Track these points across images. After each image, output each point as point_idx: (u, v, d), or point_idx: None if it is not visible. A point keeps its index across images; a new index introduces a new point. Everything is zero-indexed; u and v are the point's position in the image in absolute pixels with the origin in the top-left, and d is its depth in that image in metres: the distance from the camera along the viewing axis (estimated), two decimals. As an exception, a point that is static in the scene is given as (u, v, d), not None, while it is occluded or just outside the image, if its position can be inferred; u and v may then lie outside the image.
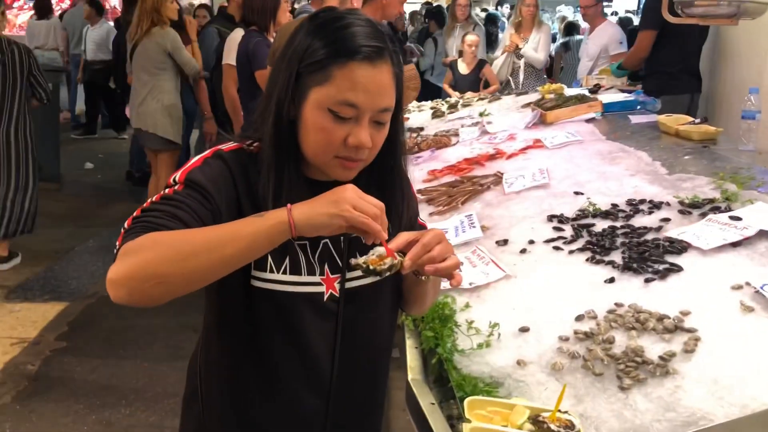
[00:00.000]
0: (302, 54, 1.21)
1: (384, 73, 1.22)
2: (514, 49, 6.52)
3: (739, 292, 1.64)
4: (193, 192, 1.20)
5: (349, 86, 1.18)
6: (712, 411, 1.30)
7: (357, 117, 1.21)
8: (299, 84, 1.22)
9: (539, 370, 1.53)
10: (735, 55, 4.36)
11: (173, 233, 1.11)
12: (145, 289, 1.08)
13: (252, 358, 1.34)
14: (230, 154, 1.28)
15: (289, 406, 1.36)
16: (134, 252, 1.08)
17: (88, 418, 3.33)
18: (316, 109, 1.21)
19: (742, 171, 2.51)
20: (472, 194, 2.78)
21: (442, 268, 1.20)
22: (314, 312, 1.32)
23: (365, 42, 1.19)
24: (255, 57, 3.92)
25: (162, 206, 1.17)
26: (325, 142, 1.22)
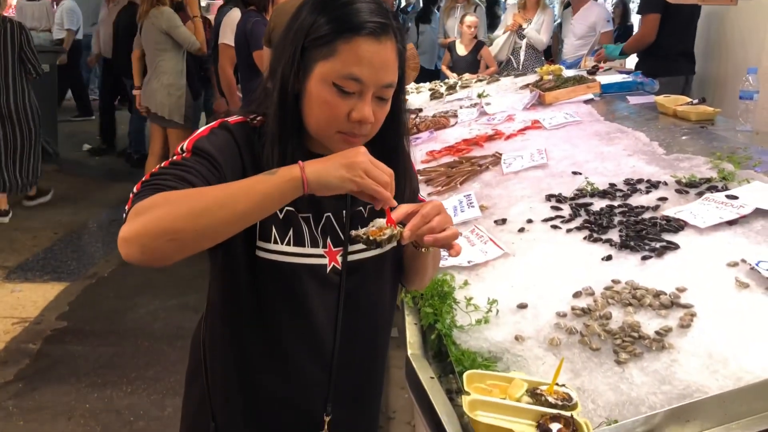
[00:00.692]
0: (308, 29, 1.22)
1: (388, 49, 1.23)
2: (517, 29, 6.51)
3: (735, 269, 1.67)
4: (201, 159, 1.21)
5: (354, 60, 1.20)
6: (707, 384, 1.32)
7: (360, 92, 1.22)
8: (304, 58, 1.23)
9: (537, 345, 1.55)
10: (733, 36, 4.36)
11: (185, 191, 1.11)
12: (157, 246, 1.06)
13: (256, 330, 1.37)
14: (235, 126, 1.29)
15: (293, 376, 1.38)
16: (146, 210, 1.07)
17: (89, 397, 3.37)
18: (321, 83, 1.22)
19: (740, 151, 2.53)
20: (470, 174, 2.80)
21: (441, 238, 1.21)
22: (317, 283, 1.34)
23: (370, 18, 1.20)
24: (253, 37, 3.92)
25: (171, 170, 1.18)
26: (329, 115, 1.23)
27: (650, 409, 1.28)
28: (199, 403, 1.46)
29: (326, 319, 1.37)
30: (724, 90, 4.36)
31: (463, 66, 6.63)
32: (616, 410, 1.31)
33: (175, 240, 1.07)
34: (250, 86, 4.08)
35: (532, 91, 4.09)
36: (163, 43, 5.24)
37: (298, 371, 1.38)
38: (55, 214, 5.92)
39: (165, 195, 1.10)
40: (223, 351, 1.42)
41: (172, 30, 5.18)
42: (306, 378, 1.39)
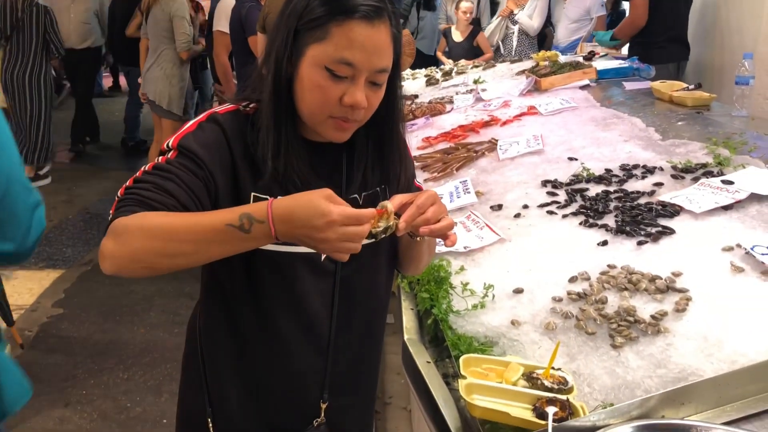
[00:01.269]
0: (301, 11, 1.21)
1: (382, 33, 1.21)
2: (509, 15, 6.48)
3: (730, 254, 1.67)
4: (185, 160, 1.20)
5: (346, 44, 1.18)
6: (702, 367, 1.33)
7: (353, 76, 1.21)
8: (297, 41, 1.22)
9: (533, 329, 1.56)
10: (729, 22, 4.35)
11: (160, 222, 1.12)
12: (132, 269, 1.14)
13: (251, 318, 1.36)
14: (225, 116, 1.28)
15: (289, 364, 1.38)
16: (124, 232, 1.12)
17: (86, 383, 3.37)
18: (313, 67, 1.21)
19: (735, 136, 2.53)
20: (466, 161, 2.80)
21: (436, 229, 1.22)
22: (312, 272, 1.33)
23: (364, 0, 1.18)
24: (248, 22, 3.90)
25: (153, 177, 1.18)
26: (321, 100, 1.22)
27: (645, 392, 1.29)
28: (196, 389, 1.46)
29: (321, 307, 1.36)
30: (720, 75, 4.35)
31: (460, 52, 6.61)
32: (612, 394, 1.32)
33: (148, 268, 1.14)
34: (246, 72, 4.06)
35: (528, 77, 4.08)
36: (169, 30, 5.20)
37: (294, 358, 1.38)
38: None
39: (141, 222, 1.12)
40: (219, 338, 1.41)
41: (174, 18, 5.15)
42: (302, 365, 1.39)
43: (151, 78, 5.36)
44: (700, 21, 4.62)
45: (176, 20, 5.14)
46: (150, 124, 6.22)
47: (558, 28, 6.28)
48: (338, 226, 1.07)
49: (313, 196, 1.08)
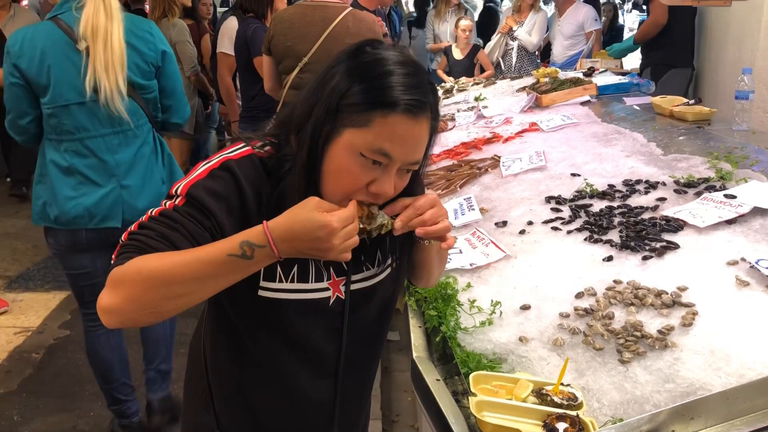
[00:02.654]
0: (344, 92, 1.16)
1: (423, 127, 1.17)
2: (508, 31, 6.54)
3: (735, 268, 1.69)
4: (192, 209, 1.17)
5: (387, 136, 1.14)
6: (710, 381, 1.34)
7: (386, 166, 1.17)
8: (334, 118, 1.17)
9: (541, 345, 1.57)
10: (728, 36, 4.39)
11: (159, 265, 1.09)
12: (137, 319, 1.13)
13: (255, 357, 1.36)
14: (240, 161, 1.23)
15: (297, 400, 1.40)
16: (121, 284, 1.10)
17: (94, 405, 3.37)
18: (347, 150, 1.16)
19: (736, 150, 2.55)
20: (470, 177, 2.82)
21: (432, 230, 1.22)
22: (320, 316, 1.33)
23: (410, 95, 1.14)
24: (254, 43, 3.94)
25: (158, 225, 1.16)
26: (348, 184, 1.18)
27: (655, 407, 1.30)
28: (202, 408, 1.46)
29: (328, 348, 1.37)
30: (720, 90, 4.39)
31: (460, 70, 6.65)
32: (621, 409, 1.33)
33: (153, 313, 1.13)
34: (250, 92, 4.10)
35: (528, 94, 4.11)
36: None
37: (301, 394, 1.39)
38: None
39: (138, 268, 1.10)
40: (224, 370, 1.42)
41: (178, 44, 5.22)
42: (309, 401, 1.40)
43: None
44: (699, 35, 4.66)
45: (179, 46, 5.21)
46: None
47: (554, 46, 6.33)
48: (340, 231, 1.10)
49: (307, 210, 1.10)
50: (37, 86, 2.51)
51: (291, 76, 3.39)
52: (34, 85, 2.50)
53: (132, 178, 2.65)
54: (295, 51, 3.35)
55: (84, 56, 2.47)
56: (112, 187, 2.61)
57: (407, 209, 1.21)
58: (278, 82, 3.54)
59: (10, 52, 2.50)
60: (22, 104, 2.55)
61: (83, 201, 2.59)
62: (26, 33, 2.53)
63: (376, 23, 3.48)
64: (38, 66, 2.48)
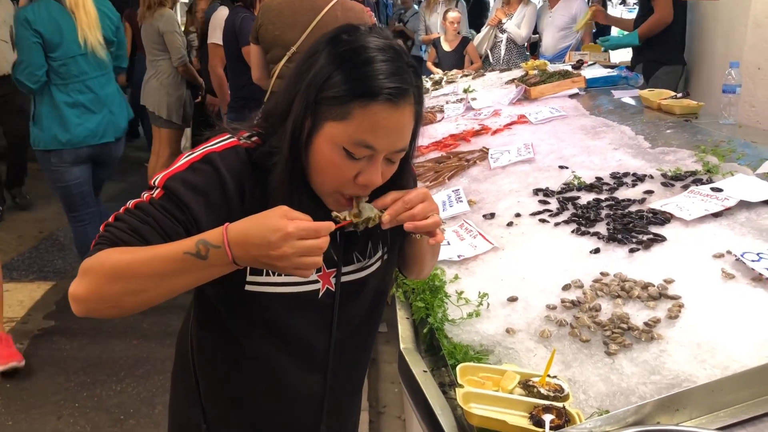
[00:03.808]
0: (321, 83, 1.13)
1: (405, 114, 1.14)
2: (497, 23, 6.53)
3: (721, 260, 1.69)
4: (167, 203, 1.15)
5: (368, 128, 1.11)
6: (695, 373, 1.35)
7: (371, 156, 1.15)
8: (315, 112, 1.14)
9: (528, 337, 1.57)
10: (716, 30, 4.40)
11: (119, 260, 1.08)
12: (101, 310, 1.13)
13: (243, 350, 1.35)
14: (223, 154, 1.20)
15: (285, 393, 1.39)
16: (87, 274, 1.10)
17: (79, 396, 3.35)
18: (330, 144, 1.14)
19: (723, 144, 2.56)
20: (458, 169, 2.82)
21: (421, 225, 1.20)
22: (310, 309, 1.32)
23: (389, 82, 1.11)
24: (242, 33, 3.92)
25: (130, 218, 1.14)
26: (334, 177, 1.16)
27: (640, 398, 1.31)
28: (189, 402, 1.45)
29: (318, 342, 1.35)
30: (708, 84, 4.40)
31: (450, 62, 6.65)
32: (607, 400, 1.33)
33: (116, 308, 1.12)
34: (239, 82, 4.07)
35: (517, 86, 4.11)
36: (160, 44, 5.28)
37: (289, 388, 1.38)
38: (40, 213, 5.88)
39: (102, 261, 1.09)
40: (212, 364, 1.40)
41: (166, 34, 5.22)
42: (298, 395, 1.39)
43: (149, 90, 5.45)
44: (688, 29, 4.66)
45: (167, 36, 5.21)
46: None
47: (544, 38, 6.32)
48: (295, 239, 1.04)
49: (268, 214, 1.06)
50: (51, 43, 3.55)
51: (279, 65, 3.36)
52: (50, 43, 3.55)
53: (115, 106, 3.88)
54: (283, 40, 3.33)
55: (74, 20, 3.57)
56: (105, 113, 3.81)
57: (396, 203, 1.19)
58: (266, 72, 3.51)
59: (28, 21, 3.49)
60: (41, 58, 3.56)
61: (87, 125, 3.74)
62: (36, 7, 3.55)
63: (364, 12, 3.47)
64: (53, 28, 3.54)
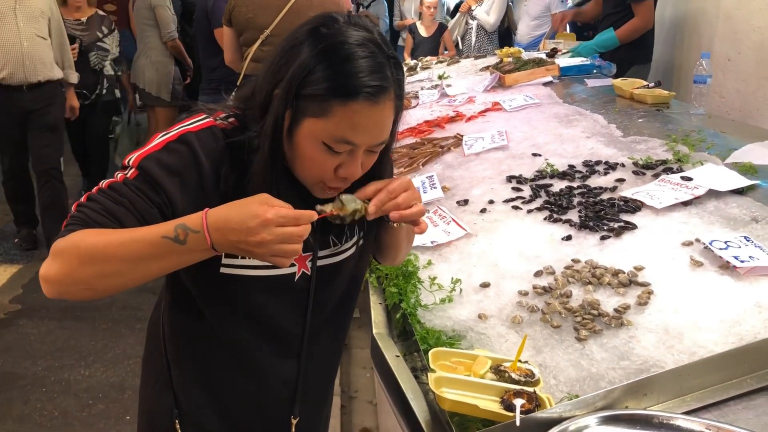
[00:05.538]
0: (301, 79, 1.11)
1: (386, 110, 1.14)
2: (467, 10, 6.53)
3: (690, 248, 1.72)
4: (141, 183, 1.13)
5: (348, 126, 1.11)
6: (663, 359, 1.37)
7: (351, 151, 1.15)
8: (295, 106, 1.13)
9: (500, 323, 1.58)
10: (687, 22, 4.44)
11: (95, 241, 1.06)
12: (73, 292, 1.10)
13: (218, 337, 1.33)
14: (199, 134, 1.18)
15: (259, 378, 1.38)
16: (59, 256, 1.08)
17: (46, 380, 3.31)
18: (309, 139, 1.13)
19: (693, 134, 2.60)
20: (432, 156, 2.82)
21: (407, 214, 1.20)
22: (285, 293, 1.31)
23: (370, 80, 1.10)
24: (214, 14, 3.86)
25: (104, 199, 1.12)
26: (315, 171, 1.17)
27: (609, 383, 1.32)
28: (160, 388, 1.43)
29: (293, 326, 1.35)
30: (679, 74, 4.45)
31: (426, 48, 6.63)
32: (577, 385, 1.35)
33: (89, 290, 1.10)
34: (211, 64, 4.02)
35: (492, 74, 4.12)
36: (152, 19, 5.20)
37: (263, 373, 1.37)
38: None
39: (76, 242, 1.07)
40: (184, 348, 1.39)
41: (156, 8, 5.15)
42: (272, 381, 1.38)
43: (138, 67, 5.41)
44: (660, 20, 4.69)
45: (158, 10, 5.15)
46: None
47: (519, 26, 6.34)
48: (273, 226, 1.03)
49: (248, 200, 1.06)
50: None
51: (252, 48, 3.33)
52: None
53: None
54: (256, 23, 3.29)
55: None
56: None
57: (380, 193, 1.19)
58: (239, 54, 3.47)
59: None
60: None
61: None
62: None
63: (340, -3, 3.44)
64: None
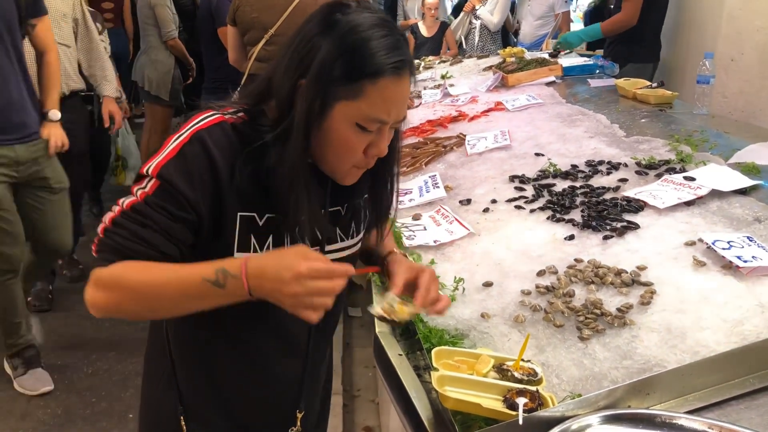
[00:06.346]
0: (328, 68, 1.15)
1: (407, 85, 1.21)
2: (471, 10, 6.53)
3: (692, 248, 1.72)
4: (165, 198, 1.16)
5: (380, 103, 1.16)
6: (666, 358, 1.37)
7: (380, 129, 1.20)
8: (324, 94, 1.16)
9: (502, 322, 1.59)
10: (691, 22, 4.44)
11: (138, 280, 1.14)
12: (120, 317, 1.20)
13: (224, 334, 1.35)
14: (210, 131, 1.20)
15: (264, 373, 1.39)
16: (105, 289, 1.16)
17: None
18: (343, 123, 1.18)
19: (696, 134, 2.60)
20: (435, 155, 2.82)
21: (440, 309, 1.31)
22: None
23: (392, 57, 1.16)
24: (218, 14, 3.88)
25: (130, 223, 1.16)
26: (349, 153, 1.21)
27: (612, 383, 1.32)
28: (164, 386, 1.43)
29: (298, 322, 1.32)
30: (682, 74, 4.45)
31: (428, 48, 6.63)
32: (580, 384, 1.35)
33: (135, 317, 1.25)
34: (215, 63, 4.03)
35: (495, 73, 4.12)
36: (152, 17, 5.22)
37: (269, 370, 1.38)
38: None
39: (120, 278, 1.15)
40: (189, 346, 1.40)
41: (156, 7, 5.16)
42: (278, 377, 1.39)
43: (139, 65, 5.43)
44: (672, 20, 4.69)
45: (158, 9, 5.15)
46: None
47: (523, 26, 6.34)
48: (306, 279, 1.07)
49: (287, 251, 1.12)
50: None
51: (257, 48, 3.34)
52: None
53: None
54: (261, 22, 3.30)
55: None
56: None
57: (421, 292, 1.28)
58: (243, 54, 3.48)
59: None
60: None
61: None
62: None
63: (344, -4, 3.44)
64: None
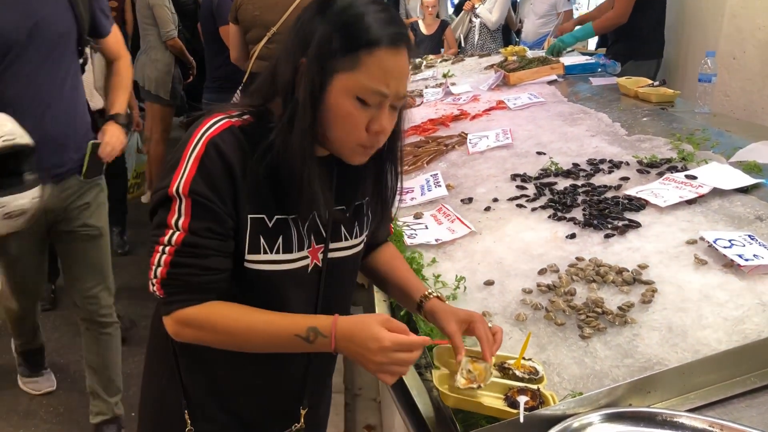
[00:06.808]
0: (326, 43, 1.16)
1: (406, 59, 1.20)
2: (471, 8, 6.52)
3: (694, 247, 1.72)
4: (205, 215, 1.20)
5: (379, 74, 1.16)
6: (667, 357, 1.37)
7: (380, 104, 1.19)
8: (323, 67, 1.17)
9: (504, 320, 1.59)
10: (693, 20, 4.44)
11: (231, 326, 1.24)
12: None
13: None
14: (222, 136, 1.21)
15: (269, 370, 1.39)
16: (195, 327, 1.24)
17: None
18: (343, 95, 1.17)
19: (698, 132, 2.60)
20: (437, 154, 2.82)
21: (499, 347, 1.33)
22: (298, 285, 1.33)
23: (388, 28, 1.16)
24: (220, 12, 3.87)
25: (190, 260, 1.21)
26: (351, 128, 1.20)
27: (613, 381, 1.33)
28: (168, 382, 1.44)
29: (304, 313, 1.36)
30: (684, 73, 4.44)
31: (428, 46, 6.63)
32: (581, 383, 1.35)
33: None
34: (216, 62, 4.04)
35: (496, 72, 4.12)
36: (151, 17, 5.21)
37: (274, 366, 1.38)
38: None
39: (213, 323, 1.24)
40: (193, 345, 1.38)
41: (155, 7, 5.15)
42: (283, 373, 1.40)
43: (139, 64, 5.41)
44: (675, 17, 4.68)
45: (156, 9, 5.13)
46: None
47: (525, 24, 6.33)
48: (390, 351, 1.15)
49: (372, 321, 1.18)
50: None
51: (259, 46, 3.34)
52: None
53: None
54: (263, 20, 3.30)
55: None
56: None
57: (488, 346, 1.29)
58: (245, 52, 3.48)
59: None
60: None
61: None
62: None
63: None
64: None
